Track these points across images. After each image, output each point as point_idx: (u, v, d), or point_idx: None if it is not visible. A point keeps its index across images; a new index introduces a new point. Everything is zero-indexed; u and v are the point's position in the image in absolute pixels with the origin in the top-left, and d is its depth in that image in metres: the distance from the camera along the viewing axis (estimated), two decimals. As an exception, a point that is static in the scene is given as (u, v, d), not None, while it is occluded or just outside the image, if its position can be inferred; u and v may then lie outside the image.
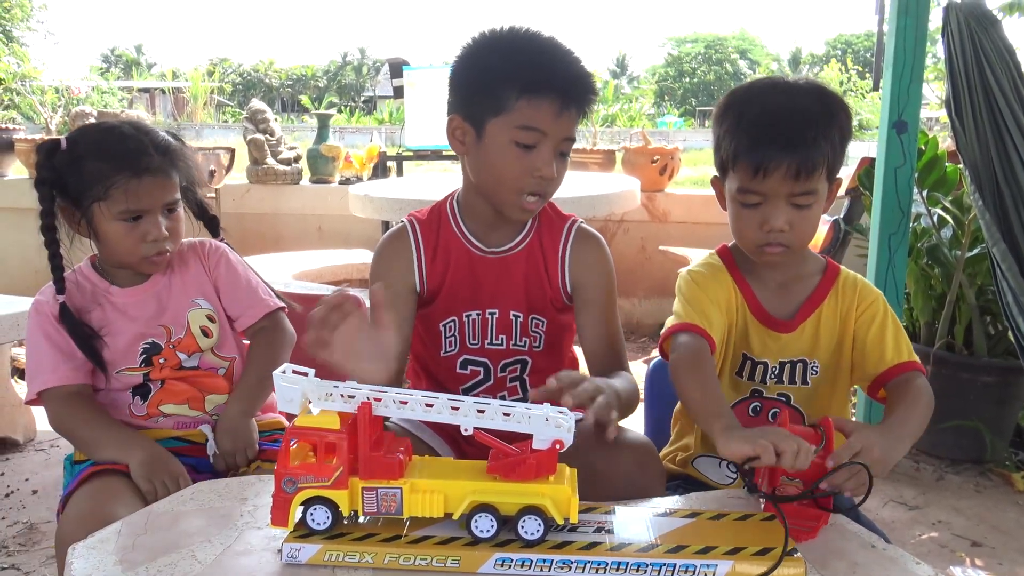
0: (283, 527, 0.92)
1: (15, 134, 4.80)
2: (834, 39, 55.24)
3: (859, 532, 1.04)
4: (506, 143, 1.28)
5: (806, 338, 1.31)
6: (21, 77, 11.32)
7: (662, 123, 18.94)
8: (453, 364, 1.43)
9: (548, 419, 0.93)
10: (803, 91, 1.26)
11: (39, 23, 23.49)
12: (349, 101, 37.90)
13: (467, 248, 1.41)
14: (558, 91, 1.26)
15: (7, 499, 2.43)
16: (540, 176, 1.29)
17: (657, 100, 33.81)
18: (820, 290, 1.32)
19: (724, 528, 0.98)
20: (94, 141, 1.43)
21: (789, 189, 1.21)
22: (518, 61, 1.29)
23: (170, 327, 1.47)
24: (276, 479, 0.92)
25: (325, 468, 0.92)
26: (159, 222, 1.41)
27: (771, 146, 1.20)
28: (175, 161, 1.45)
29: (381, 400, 0.93)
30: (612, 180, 3.90)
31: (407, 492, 0.92)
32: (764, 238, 1.24)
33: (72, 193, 1.41)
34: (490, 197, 1.36)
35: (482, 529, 0.92)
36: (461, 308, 1.40)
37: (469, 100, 1.33)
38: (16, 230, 4.45)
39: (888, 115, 2.47)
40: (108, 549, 0.95)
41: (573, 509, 0.92)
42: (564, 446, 0.93)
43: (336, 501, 0.92)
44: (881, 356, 1.28)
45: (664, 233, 4.36)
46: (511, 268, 1.41)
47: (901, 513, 2.40)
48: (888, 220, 2.55)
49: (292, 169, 4.76)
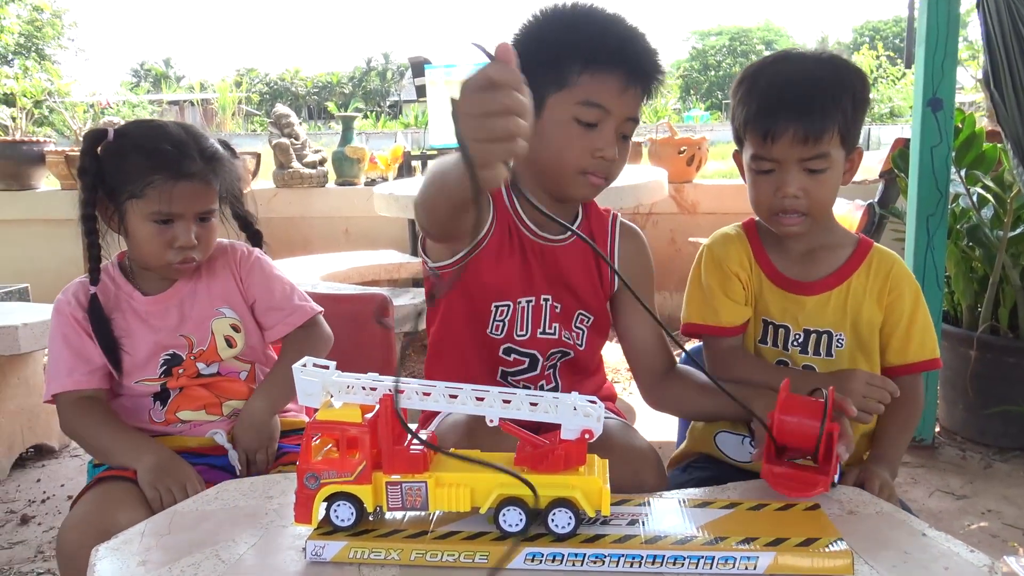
0: (307, 524, 0.90)
1: (46, 147, 4.86)
2: (861, 26, 54.41)
3: (908, 520, 0.99)
4: (566, 120, 1.21)
5: (832, 308, 1.29)
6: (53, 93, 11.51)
7: (688, 117, 18.76)
8: (496, 348, 1.34)
9: (576, 408, 0.89)
10: (815, 60, 1.27)
11: (70, 40, 23.93)
12: (374, 106, 38.12)
13: (522, 231, 1.32)
14: (623, 66, 1.20)
15: (43, 504, 2.44)
16: (601, 157, 1.22)
17: (682, 95, 33.56)
18: (851, 263, 1.31)
19: (764, 518, 0.94)
20: (141, 136, 1.40)
21: (799, 154, 1.21)
22: (582, 34, 1.22)
23: (192, 337, 1.43)
24: (298, 475, 0.89)
25: (348, 463, 0.89)
26: (190, 229, 1.37)
27: (779, 111, 1.21)
28: (218, 170, 1.41)
29: (404, 392, 0.90)
30: (639, 171, 3.84)
31: (432, 486, 0.89)
32: (779, 204, 1.24)
33: (110, 185, 1.38)
34: (547, 177, 1.28)
35: (511, 523, 0.88)
36: (516, 293, 1.32)
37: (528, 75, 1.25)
38: (48, 240, 4.50)
39: (922, 93, 2.41)
40: (132, 550, 0.93)
41: (605, 501, 0.88)
42: (594, 436, 0.89)
43: (360, 496, 0.89)
44: (904, 349, 1.29)
45: (694, 224, 4.30)
46: (566, 258, 1.33)
47: (948, 503, 2.32)
48: (925, 201, 2.48)
49: (318, 172, 4.77)
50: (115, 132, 1.39)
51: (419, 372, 3.59)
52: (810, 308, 1.29)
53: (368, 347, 1.75)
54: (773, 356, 1.32)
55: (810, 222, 1.26)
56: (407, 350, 3.77)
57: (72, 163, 4.01)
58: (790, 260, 1.32)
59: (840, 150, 1.23)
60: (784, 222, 1.26)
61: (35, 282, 3.63)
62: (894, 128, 8.85)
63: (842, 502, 1.04)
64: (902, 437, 1.29)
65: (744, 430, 1.35)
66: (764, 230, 1.34)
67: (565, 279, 1.34)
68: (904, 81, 15.50)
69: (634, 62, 1.21)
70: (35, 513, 2.38)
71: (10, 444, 2.69)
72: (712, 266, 1.34)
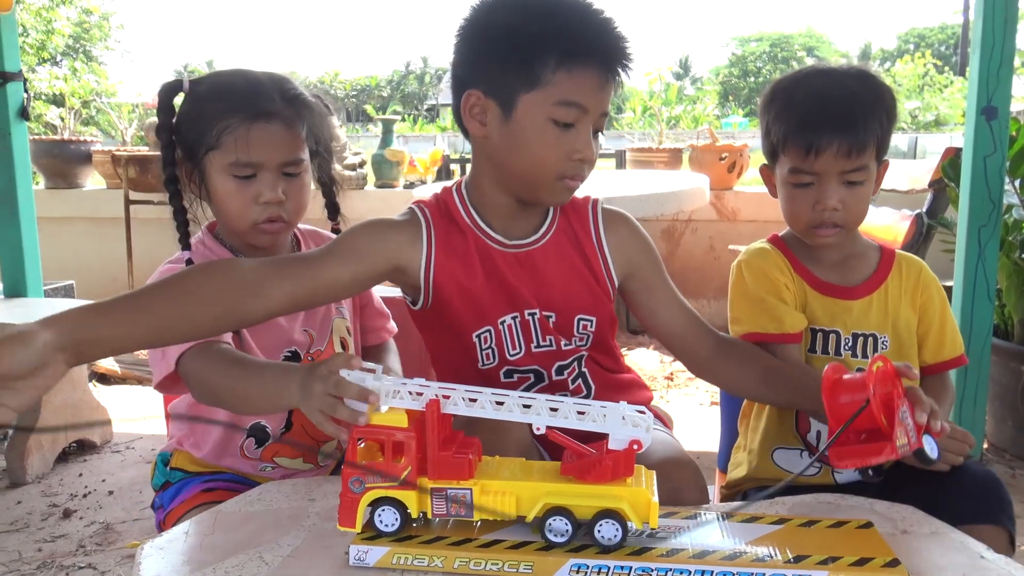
0: (351, 528, 0.89)
1: (92, 146, 4.96)
2: (906, 33, 53.58)
3: (965, 542, 0.95)
4: (542, 121, 1.12)
5: (875, 311, 1.31)
6: (100, 94, 11.76)
7: (727, 123, 18.59)
8: (496, 375, 1.24)
9: (625, 418, 0.87)
10: (848, 75, 1.29)
11: (117, 42, 24.47)
12: (412, 110, 38.37)
13: (486, 244, 1.21)
14: (600, 61, 1.11)
15: (85, 499, 2.48)
16: (580, 159, 1.14)
17: (721, 100, 33.31)
18: (882, 268, 1.34)
19: (816, 535, 0.92)
20: (216, 81, 1.25)
21: (841, 167, 1.23)
22: (554, 26, 1.10)
23: (313, 334, 1.29)
24: (343, 479, 0.89)
25: (393, 467, 0.88)
26: (276, 183, 1.21)
27: (822, 126, 1.22)
28: (304, 114, 1.23)
29: (449, 398, 0.90)
30: (680, 177, 3.81)
31: (478, 493, 0.88)
32: (818, 218, 1.26)
33: (188, 140, 1.23)
34: (520, 182, 1.18)
35: (557, 533, 0.87)
36: (494, 315, 1.21)
37: (493, 72, 1.14)
38: (95, 239, 4.60)
39: (976, 101, 2.34)
40: (176, 549, 0.94)
41: (653, 514, 0.86)
42: (642, 446, 0.87)
43: (404, 502, 0.88)
44: (939, 348, 1.34)
45: (734, 232, 4.25)
46: (542, 261, 1.23)
47: (996, 522, 2.26)
48: (977, 212, 2.41)
49: (357, 174, 4.80)
50: (191, 81, 1.25)
51: (455, 375, 3.58)
52: (857, 312, 1.31)
53: (406, 348, 1.74)
54: (825, 364, 1.29)
55: (845, 234, 1.29)
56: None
57: (118, 163, 4.08)
58: (826, 268, 1.34)
59: (874, 162, 1.27)
60: (821, 234, 1.28)
61: (80, 279, 3.70)
62: (940, 137, 8.70)
63: (895, 520, 1.01)
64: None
65: (798, 443, 1.32)
66: (793, 243, 1.36)
67: (551, 283, 1.23)
68: (950, 89, 15.20)
69: (610, 54, 1.13)
70: (77, 507, 2.41)
71: (54, 438, 2.73)
72: (758, 277, 1.32)
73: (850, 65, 1.32)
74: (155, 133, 1.26)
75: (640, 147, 4.96)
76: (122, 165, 4.02)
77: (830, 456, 0.96)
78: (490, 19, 1.15)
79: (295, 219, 1.27)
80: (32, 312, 2.72)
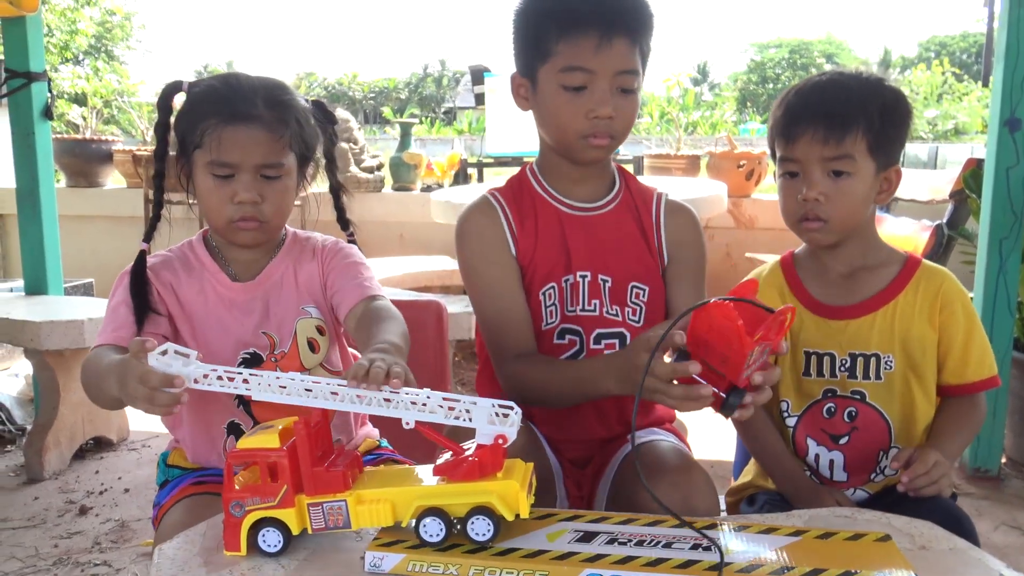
0: (236, 552, 0.91)
1: (113, 146, 5.00)
2: (927, 40, 53.22)
3: (983, 559, 0.95)
4: (555, 89, 1.23)
5: (879, 330, 1.27)
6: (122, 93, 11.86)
7: (744, 130, 18.55)
8: (552, 335, 1.32)
9: (491, 413, 0.89)
10: (853, 75, 1.28)
11: (138, 42, 24.71)
12: (430, 112, 38.50)
13: (555, 207, 1.33)
14: (596, 24, 1.19)
15: (101, 496, 2.50)
16: (596, 117, 1.22)
17: (739, 107, 33.22)
18: (897, 282, 1.29)
19: (833, 548, 0.91)
20: (210, 84, 1.28)
21: (820, 154, 1.22)
22: (555, 2, 1.23)
23: (274, 336, 1.30)
24: (224, 504, 0.91)
25: (270, 488, 0.90)
26: (251, 184, 1.24)
27: (802, 112, 1.24)
28: (287, 119, 1.25)
29: (250, 382, 0.93)
30: (697, 184, 3.80)
31: (352, 504, 0.91)
32: (802, 209, 1.24)
33: (181, 139, 1.27)
34: (557, 148, 1.30)
35: (431, 533, 0.89)
36: (560, 272, 1.31)
37: (519, 53, 1.29)
38: (114, 237, 4.63)
39: (999, 112, 2.33)
40: (193, 551, 0.95)
41: (523, 505, 0.89)
42: (508, 440, 0.90)
43: (284, 520, 0.91)
44: (963, 368, 1.27)
45: (751, 240, 4.23)
46: (603, 227, 1.32)
47: (1015, 538, 2.24)
48: (999, 224, 2.40)
49: (375, 177, 4.82)
50: (190, 83, 1.29)
51: (469, 380, 3.59)
52: (851, 332, 1.28)
53: (421, 353, 1.74)
54: (819, 386, 1.29)
55: (832, 231, 1.25)
56: (456, 357, 3.78)
57: (139, 162, 4.12)
58: (830, 284, 1.31)
59: (869, 160, 1.23)
60: (806, 228, 1.27)
61: (100, 278, 3.73)
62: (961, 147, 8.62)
63: (913, 536, 1.00)
64: (957, 442, 1.28)
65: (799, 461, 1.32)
66: (801, 260, 1.35)
67: (609, 248, 1.32)
68: (969, 98, 15.08)
69: (609, 16, 1.20)
70: (93, 504, 2.44)
71: (71, 435, 2.76)
72: None
73: (870, 73, 1.30)
74: (154, 129, 1.31)
75: (658, 153, 4.94)
76: (142, 164, 4.05)
77: (712, 304, 0.91)
78: (518, 6, 1.29)
79: (274, 220, 1.29)
80: (52, 310, 2.74)
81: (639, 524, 0.95)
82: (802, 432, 1.30)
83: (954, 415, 1.28)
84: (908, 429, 1.28)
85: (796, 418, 1.31)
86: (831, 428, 1.28)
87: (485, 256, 1.33)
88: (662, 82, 7.00)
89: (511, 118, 4.52)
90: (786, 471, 1.29)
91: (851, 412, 1.28)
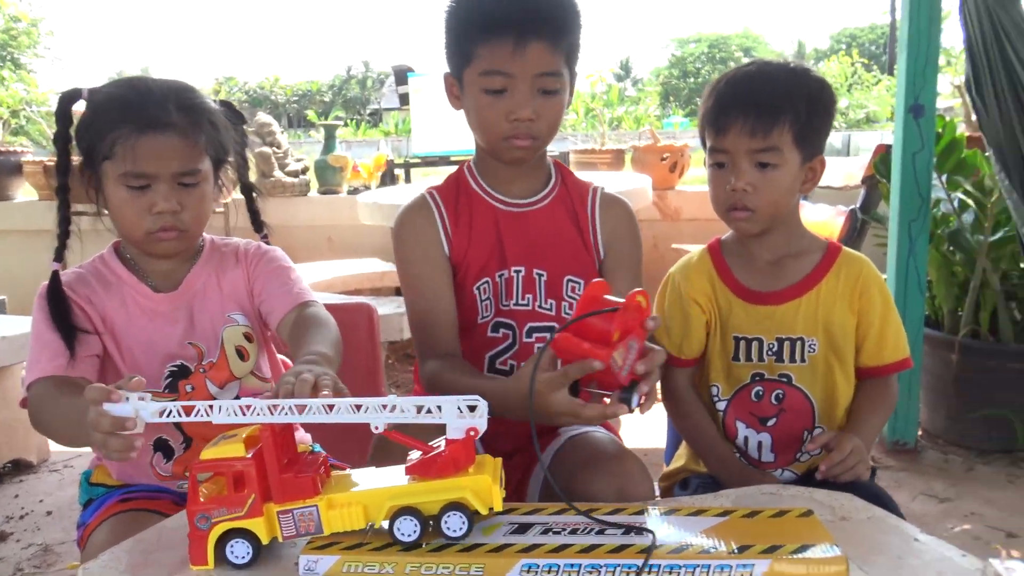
0: (203, 565, 0.89)
1: (23, 157, 4.80)
2: (838, 33, 55.07)
3: (899, 525, 0.99)
4: (478, 91, 1.25)
5: (803, 315, 1.30)
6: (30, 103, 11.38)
7: (668, 124, 18.87)
8: (486, 329, 1.35)
9: (460, 408, 0.90)
10: (780, 66, 1.30)
11: (46, 49, 23.73)
12: (355, 114, 38.04)
13: (490, 204, 1.35)
14: (512, 26, 1.20)
15: (21, 520, 2.40)
16: (516, 119, 1.24)
17: (662, 101, 33.79)
18: (819, 268, 1.32)
19: (759, 526, 0.94)
20: (114, 90, 1.22)
21: (748, 145, 1.24)
22: (475, 5, 1.25)
23: (201, 347, 1.27)
24: (188, 517, 0.89)
25: (237, 498, 0.89)
26: (169, 194, 1.19)
27: (730, 104, 1.25)
28: (201, 124, 1.21)
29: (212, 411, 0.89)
30: (622, 177, 3.86)
31: (324, 509, 0.90)
32: (730, 199, 1.27)
33: (86, 150, 1.21)
34: (485, 148, 1.33)
35: (405, 533, 0.89)
36: (494, 268, 1.33)
37: (448, 55, 1.31)
38: (26, 252, 4.43)
39: (904, 99, 2.43)
40: (119, 568, 0.92)
41: (496, 498, 0.90)
42: (479, 432, 0.90)
43: (253, 530, 0.89)
44: (879, 351, 1.32)
45: (676, 231, 4.31)
46: (538, 222, 1.35)
47: (932, 506, 2.34)
48: (907, 207, 2.50)
49: (300, 181, 4.74)
50: (90, 90, 1.23)
51: (403, 382, 3.57)
52: (779, 316, 1.31)
53: (354, 356, 1.73)
54: (747, 371, 1.32)
55: (760, 220, 1.28)
56: (389, 359, 3.75)
57: (50, 173, 3.96)
58: (757, 271, 1.34)
59: (795, 151, 1.25)
60: (734, 217, 1.29)
61: (12, 294, 3.58)
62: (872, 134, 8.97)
63: (834, 508, 1.04)
64: (873, 425, 1.33)
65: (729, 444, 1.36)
66: (729, 247, 1.37)
67: (544, 243, 1.34)
68: (879, 87, 15.66)
69: (525, 19, 1.20)
70: (13, 529, 2.34)
71: (-13, 459, 2.64)
72: (673, 297, 1.37)
73: (796, 63, 1.33)
74: (52, 141, 1.25)
75: (583, 148, 5.00)
76: (53, 175, 3.90)
77: (556, 340, 0.99)
78: (447, 6, 1.29)
79: (194, 228, 1.25)
80: (-39, 329, 2.62)
81: (573, 514, 0.96)
82: (732, 415, 1.34)
83: (869, 399, 1.33)
84: (830, 410, 1.32)
85: (726, 402, 1.34)
86: (759, 411, 1.32)
87: (417, 254, 1.34)
88: (585, 78, 7.08)
89: (437, 118, 4.50)
90: (719, 455, 1.32)
91: (778, 395, 1.31)
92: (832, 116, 1.30)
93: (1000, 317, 2.65)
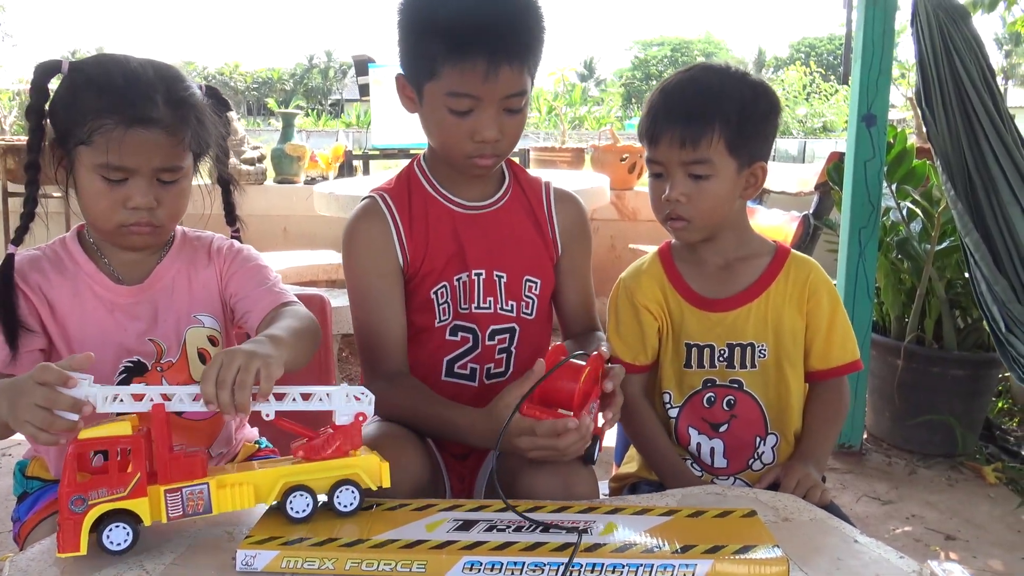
0: (76, 552, 0.86)
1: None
2: (798, 42, 56.04)
3: (840, 527, 1.01)
4: (442, 109, 1.19)
5: (754, 320, 1.30)
6: (-24, 79, 11.02)
7: (630, 125, 19.01)
8: (444, 332, 1.32)
9: (348, 395, 0.94)
10: (717, 72, 1.27)
11: (-3, 25, 23.01)
12: (316, 104, 37.61)
13: (446, 207, 1.31)
14: (485, 51, 1.13)
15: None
16: (482, 141, 1.20)
17: (625, 103, 34.03)
18: (768, 272, 1.32)
19: (702, 526, 0.94)
20: (97, 70, 1.13)
21: (679, 157, 1.23)
22: (441, 19, 1.16)
23: (162, 345, 1.20)
24: (60, 500, 0.86)
25: (120, 478, 0.87)
26: (148, 189, 1.12)
27: (661, 115, 1.25)
28: (188, 119, 1.14)
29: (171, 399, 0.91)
30: (581, 177, 3.87)
31: (214, 488, 0.90)
32: (667, 208, 1.27)
33: (59, 127, 1.13)
34: (443, 157, 1.28)
35: (297, 509, 0.92)
36: (451, 271, 1.30)
37: (405, 63, 1.24)
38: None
39: (857, 108, 2.47)
40: (49, 561, 0.89)
41: (385, 474, 0.96)
42: (367, 418, 0.95)
43: (136, 511, 0.87)
44: (827, 353, 1.31)
45: (633, 231, 4.34)
46: (498, 224, 1.32)
47: (875, 508, 2.39)
48: (858, 214, 2.55)
49: (256, 169, 4.66)
50: (70, 65, 1.14)
51: (356, 375, 3.53)
52: (730, 322, 1.30)
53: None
54: (699, 377, 1.31)
55: (696, 229, 1.28)
56: (342, 352, 3.71)
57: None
58: (707, 276, 1.32)
59: (729, 159, 1.23)
60: (672, 227, 1.29)
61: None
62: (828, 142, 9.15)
63: (777, 509, 1.05)
64: (828, 436, 1.32)
65: (681, 451, 1.36)
66: (679, 252, 1.36)
67: (505, 245, 1.32)
68: (836, 97, 15.97)
69: (497, 43, 1.14)
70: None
71: (-80, 446, 2.55)
72: (624, 303, 1.36)
73: (736, 67, 1.30)
74: (24, 115, 1.16)
75: (543, 146, 5.01)
76: (0, 155, 3.78)
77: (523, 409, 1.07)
78: (403, 10, 1.22)
79: (168, 225, 1.20)
80: None
81: (518, 511, 0.96)
82: (684, 422, 1.32)
83: (823, 409, 1.32)
84: (781, 415, 1.31)
85: (678, 409, 1.32)
86: (711, 417, 1.31)
87: (367, 266, 1.29)
88: (548, 76, 7.09)
89: (397, 110, 4.44)
90: (671, 466, 1.30)
91: (730, 400, 1.30)
92: (771, 122, 1.28)
93: (944, 325, 2.71)
